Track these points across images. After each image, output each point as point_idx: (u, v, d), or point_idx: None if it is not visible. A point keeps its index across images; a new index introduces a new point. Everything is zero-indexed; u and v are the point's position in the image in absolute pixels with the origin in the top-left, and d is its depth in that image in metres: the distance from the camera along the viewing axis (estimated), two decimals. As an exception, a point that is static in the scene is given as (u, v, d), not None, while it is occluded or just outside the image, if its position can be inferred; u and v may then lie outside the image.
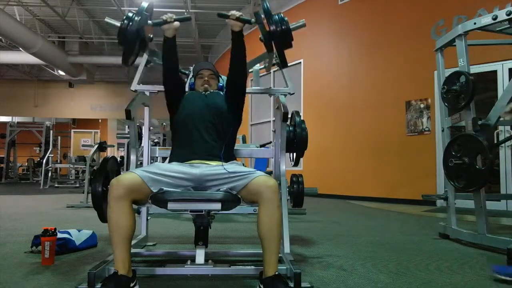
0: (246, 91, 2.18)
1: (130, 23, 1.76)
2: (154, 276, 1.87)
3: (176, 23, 1.93)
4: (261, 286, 1.57)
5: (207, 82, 2.14)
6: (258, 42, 1.99)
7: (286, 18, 1.83)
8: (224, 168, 1.74)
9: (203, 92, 2.11)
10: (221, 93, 2.17)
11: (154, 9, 2.02)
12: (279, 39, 1.84)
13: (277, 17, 1.83)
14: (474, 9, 3.00)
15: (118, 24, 1.81)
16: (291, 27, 1.85)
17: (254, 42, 2.22)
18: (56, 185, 10.48)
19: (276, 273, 1.57)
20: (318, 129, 7.40)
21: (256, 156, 2.90)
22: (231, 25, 1.95)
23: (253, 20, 1.92)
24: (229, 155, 1.96)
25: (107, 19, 1.97)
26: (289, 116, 2.33)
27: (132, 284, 1.56)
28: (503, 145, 5.26)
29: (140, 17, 1.78)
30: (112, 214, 1.57)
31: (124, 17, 1.79)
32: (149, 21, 1.89)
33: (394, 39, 6.74)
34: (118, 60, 11.27)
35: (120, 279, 1.52)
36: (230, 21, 1.93)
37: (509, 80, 3.67)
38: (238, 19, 1.92)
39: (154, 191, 1.65)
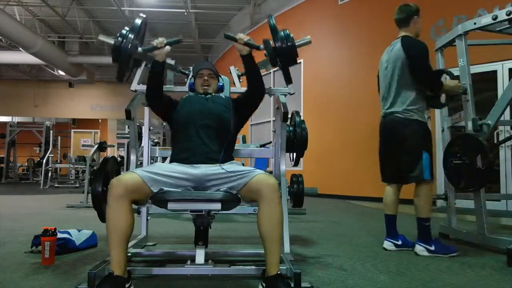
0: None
1: (124, 41, 1.73)
2: (154, 276, 1.87)
3: (167, 48, 1.86)
4: (263, 285, 1.58)
5: (207, 82, 2.11)
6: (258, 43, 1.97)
7: (291, 35, 1.81)
8: (223, 168, 1.75)
9: (203, 95, 2.09)
10: (223, 96, 2.17)
11: (154, 9, 2.02)
12: (285, 56, 1.82)
13: (282, 33, 1.81)
14: (474, 9, 3.00)
15: (112, 41, 1.78)
16: (296, 43, 1.83)
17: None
18: (56, 185, 10.48)
19: (278, 272, 1.57)
20: (318, 129, 7.39)
21: (256, 156, 2.90)
22: (239, 49, 1.90)
23: (261, 46, 1.87)
24: (228, 157, 1.95)
25: (101, 37, 1.93)
26: (289, 116, 2.33)
27: (127, 285, 1.56)
28: (503, 145, 5.26)
29: (131, 43, 1.73)
30: (111, 213, 1.58)
31: (118, 35, 1.76)
32: (139, 48, 1.82)
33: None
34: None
35: (116, 280, 1.52)
36: (237, 45, 1.88)
37: (509, 80, 3.67)
38: (246, 44, 1.86)
39: (154, 191, 1.65)
